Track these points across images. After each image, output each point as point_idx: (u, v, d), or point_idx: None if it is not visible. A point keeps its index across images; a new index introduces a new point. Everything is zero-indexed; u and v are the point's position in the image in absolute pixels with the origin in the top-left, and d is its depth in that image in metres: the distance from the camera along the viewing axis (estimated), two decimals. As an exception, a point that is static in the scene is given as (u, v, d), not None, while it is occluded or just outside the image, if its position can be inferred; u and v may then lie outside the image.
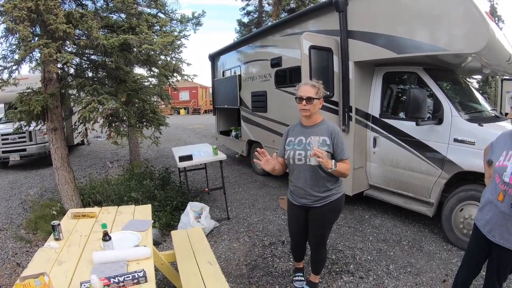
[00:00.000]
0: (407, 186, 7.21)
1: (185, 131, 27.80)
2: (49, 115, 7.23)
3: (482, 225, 3.64)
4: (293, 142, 4.37)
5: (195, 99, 58.40)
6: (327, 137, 4.19)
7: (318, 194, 4.33)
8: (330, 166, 3.88)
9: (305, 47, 7.07)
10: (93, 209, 4.98)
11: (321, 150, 3.84)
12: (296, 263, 5.36)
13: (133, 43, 6.52)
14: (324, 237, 4.75)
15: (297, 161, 4.28)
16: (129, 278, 2.97)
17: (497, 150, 3.62)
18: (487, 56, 6.32)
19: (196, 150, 8.71)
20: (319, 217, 4.49)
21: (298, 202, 4.53)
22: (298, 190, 4.45)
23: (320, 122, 4.37)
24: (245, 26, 38.67)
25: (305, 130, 4.34)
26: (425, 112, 6.30)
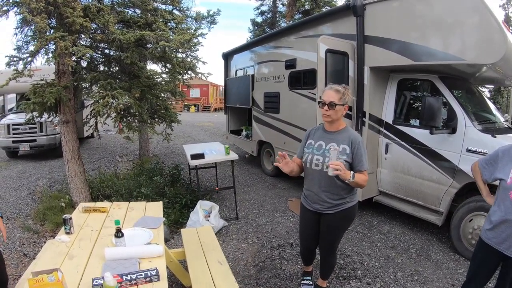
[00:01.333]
0: (417, 194, 7.18)
1: (195, 129, 27.81)
2: (62, 107, 7.27)
3: (497, 243, 3.58)
4: (312, 145, 4.31)
5: (206, 96, 58.36)
6: (348, 146, 4.11)
7: (331, 201, 4.27)
8: (348, 177, 3.83)
9: (321, 50, 7.05)
10: (104, 204, 4.98)
11: (339, 162, 3.78)
12: (305, 266, 5.33)
13: (150, 39, 6.54)
14: (335, 243, 4.71)
15: (314, 166, 4.22)
16: (141, 276, 2.98)
17: (503, 167, 3.59)
18: (503, 66, 6.30)
19: (207, 148, 8.70)
20: (331, 223, 4.45)
21: (311, 207, 4.49)
22: (312, 195, 4.40)
23: (343, 129, 4.27)
24: (258, 25, 38.58)
25: (327, 135, 4.28)
26: (440, 121, 6.27)
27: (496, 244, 3.59)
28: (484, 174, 3.84)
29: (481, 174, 3.90)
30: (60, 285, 2.55)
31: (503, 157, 3.63)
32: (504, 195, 3.51)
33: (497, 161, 3.68)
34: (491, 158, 3.79)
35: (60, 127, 7.57)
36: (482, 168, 3.87)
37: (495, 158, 3.72)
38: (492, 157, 3.78)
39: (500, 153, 3.68)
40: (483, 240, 3.73)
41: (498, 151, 3.73)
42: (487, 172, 3.80)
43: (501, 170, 3.60)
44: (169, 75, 8.37)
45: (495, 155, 3.75)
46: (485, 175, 3.83)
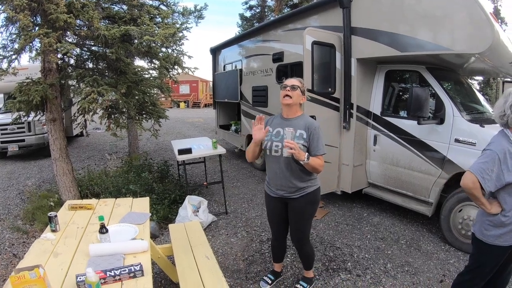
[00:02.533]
0: (407, 185, 7.20)
1: (185, 125, 27.79)
2: (48, 105, 7.22)
3: None
4: (271, 132, 4.36)
5: (195, 92, 58.37)
6: (304, 131, 4.19)
7: (295, 184, 4.32)
8: (303, 158, 3.90)
9: (308, 42, 7.03)
10: (91, 201, 4.91)
11: (293, 142, 3.85)
12: (275, 264, 5.34)
13: (134, 34, 6.51)
14: (305, 231, 4.72)
15: (274, 152, 4.28)
16: (125, 271, 2.95)
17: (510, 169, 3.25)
18: (491, 57, 6.28)
19: (195, 143, 8.68)
20: (297, 209, 4.48)
21: (275, 193, 4.52)
22: (274, 181, 4.45)
23: (300, 116, 4.37)
24: (247, 20, 38.68)
25: (284, 122, 4.34)
26: (427, 111, 6.27)
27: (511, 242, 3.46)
28: (488, 185, 3.31)
29: (483, 186, 3.33)
30: (42, 282, 2.52)
31: (504, 158, 3.26)
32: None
33: (499, 165, 3.28)
34: (490, 166, 3.31)
35: (47, 125, 7.51)
36: (484, 180, 3.31)
37: (496, 163, 3.29)
38: (491, 164, 3.31)
39: (500, 155, 3.28)
40: (498, 245, 3.47)
41: (495, 154, 3.30)
42: (491, 182, 3.30)
43: (509, 172, 3.26)
44: (157, 71, 8.33)
45: (493, 160, 3.30)
46: (489, 186, 3.31)
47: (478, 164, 3.36)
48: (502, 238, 3.43)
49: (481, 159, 3.40)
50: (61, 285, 2.88)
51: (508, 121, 3.23)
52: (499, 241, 3.45)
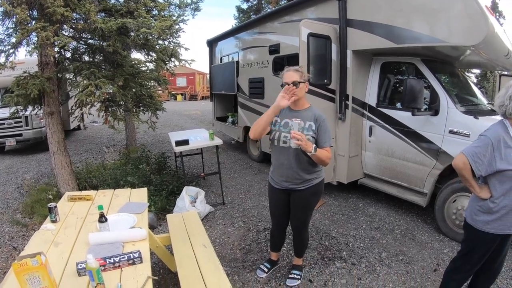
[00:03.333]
0: (402, 175, 7.26)
1: (182, 117, 27.85)
2: (46, 99, 7.24)
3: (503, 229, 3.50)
4: (279, 123, 4.36)
5: (192, 85, 58.35)
6: (313, 123, 4.19)
7: (300, 177, 4.34)
8: (310, 149, 3.89)
9: (303, 34, 7.06)
10: (90, 192, 4.95)
11: (300, 133, 3.86)
12: (272, 253, 5.40)
13: (131, 27, 6.53)
14: (306, 220, 4.79)
15: (282, 143, 4.28)
16: (124, 258, 3.02)
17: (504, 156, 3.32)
18: (485, 50, 6.34)
19: (192, 135, 8.69)
20: (301, 201, 4.53)
21: (279, 185, 4.54)
22: (281, 173, 4.45)
23: (308, 108, 4.37)
24: (244, 12, 38.51)
25: (293, 113, 4.32)
26: (421, 102, 6.32)
27: (502, 230, 3.51)
28: (479, 169, 3.45)
29: (474, 170, 3.49)
30: (44, 268, 2.56)
31: (498, 145, 3.35)
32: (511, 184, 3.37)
33: (492, 151, 3.38)
34: (483, 150, 3.42)
35: (45, 119, 7.53)
36: (475, 163, 3.45)
37: (488, 148, 3.39)
38: (484, 148, 3.41)
39: (494, 142, 3.36)
40: (486, 231, 3.56)
41: (489, 140, 3.39)
42: (483, 166, 3.43)
43: (501, 160, 3.34)
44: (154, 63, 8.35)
45: (486, 145, 3.40)
46: (480, 169, 3.45)
47: (471, 148, 3.49)
48: (490, 225, 3.51)
49: (475, 143, 3.52)
50: (62, 273, 2.94)
51: (507, 111, 3.30)
52: (487, 228, 3.52)
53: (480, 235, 3.59)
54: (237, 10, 39.47)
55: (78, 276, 2.88)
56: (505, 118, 3.41)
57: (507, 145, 3.31)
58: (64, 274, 2.93)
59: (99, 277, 2.67)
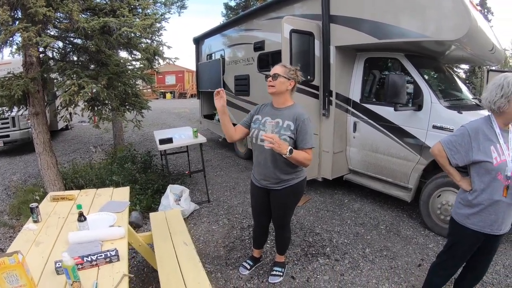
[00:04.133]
0: (386, 171, 7.29)
1: (170, 115, 27.86)
2: (31, 99, 7.19)
3: (484, 226, 3.46)
4: (259, 121, 4.32)
5: (181, 83, 58.31)
6: (292, 122, 4.09)
7: (278, 176, 4.28)
8: (284, 152, 3.75)
9: (286, 30, 7.08)
10: (72, 192, 4.96)
11: (272, 135, 3.72)
12: (255, 250, 5.40)
13: (113, 26, 6.51)
14: (286, 219, 4.76)
15: (260, 141, 4.20)
16: (101, 256, 3.03)
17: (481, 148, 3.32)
18: (469, 44, 6.36)
19: (177, 133, 8.68)
20: (279, 200, 4.49)
21: (259, 183, 4.51)
22: (260, 171, 4.42)
23: (290, 106, 4.28)
24: (232, 9, 38.54)
25: (274, 111, 4.28)
26: (404, 97, 6.33)
27: (482, 227, 3.47)
28: (454, 157, 3.50)
29: (449, 158, 3.54)
30: (21, 267, 2.57)
31: (476, 136, 3.35)
32: (490, 177, 3.34)
33: (469, 141, 3.38)
34: (459, 139, 3.45)
35: (30, 119, 7.51)
36: (450, 151, 3.52)
37: (465, 139, 3.41)
38: (460, 138, 3.44)
39: (471, 132, 3.37)
40: (467, 226, 3.54)
41: (466, 130, 3.41)
42: (458, 156, 3.47)
43: (478, 152, 3.34)
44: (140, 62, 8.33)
45: (463, 135, 3.43)
46: (456, 158, 3.49)
47: (448, 137, 3.59)
48: (469, 219, 3.49)
49: (453, 133, 3.66)
50: (41, 271, 2.96)
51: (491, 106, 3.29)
52: (467, 222, 3.51)
53: (461, 229, 3.59)
54: (225, 7, 39.51)
55: (57, 275, 2.90)
56: (491, 113, 3.40)
57: (487, 138, 3.31)
58: (44, 273, 2.95)
59: (75, 275, 2.69)
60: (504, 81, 3.21)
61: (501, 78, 3.27)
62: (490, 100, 3.28)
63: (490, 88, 3.33)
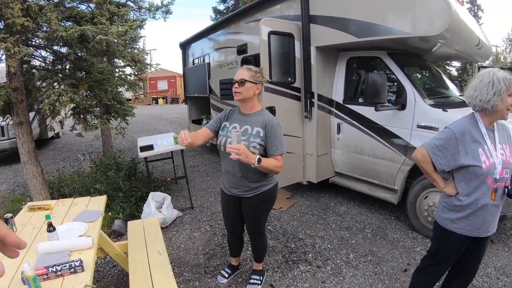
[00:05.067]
0: (372, 173, 7.23)
1: (161, 121, 27.90)
2: (14, 109, 7.18)
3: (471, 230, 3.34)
4: (227, 128, 4.21)
5: (174, 88, 58.62)
6: (262, 129, 4.01)
7: (248, 184, 4.20)
8: (252, 162, 3.64)
9: (263, 33, 7.04)
10: (49, 202, 4.95)
11: (238, 146, 3.61)
12: (233, 258, 5.32)
13: (89, 34, 6.48)
14: (260, 226, 4.68)
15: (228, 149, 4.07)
16: (66, 267, 3.03)
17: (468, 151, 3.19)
18: (453, 40, 6.26)
19: (159, 139, 8.61)
20: (251, 208, 4.40)
21: (230, 192, 4.42)
22: (229, 179, 4.34)
23: (258, 112, 4.19)
24: (220, 13, 38.50)
25: (241, 117, 4.20)
26: (385, 97, 6.26)
27: (469, 231, 3.35)
28: (440, 163, 3.32)
29: (435, 163, 3.36)
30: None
31: (463, 139, 3.20)
32: (478, 181, 3.20)
33: (455, 144, 3.23)
34: (444, 143, 3.27)
35: (14, 129, 7.48)
36: (435, 156, 3.32)
37: (451, 142, 3.24)
38: (446, 141, 3.27)
39: (457, 135, 3.21)
40: (453, 231, 3.41)
41: (452, 132, 3.25)
42: (444, 160, 3.30)
43: (466, 155, 3.20)
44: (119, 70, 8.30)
45: (449, 138, 3.26)
46: (441, 164, 3.32)
47: (432, 140, 3.38)
48: (456, 224, 3.38)
49: (437, 135, 3.41)
50: (10, 282, 2.99)
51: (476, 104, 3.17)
52: (453, 227, 3.40)
53: (447, 233, 3.47)
54: (214, 11, 39.48)
55: (24, 284, 2.87)
56: (475, 111, 3.29)
57: (474, 139, 3.18)
58: (12, 283, 2.97)
59: (36, 285, 2.71)
60: (493, 77, 3.08)
61: (489, 75, 3.13)
62: (482, 99, 3.13)
63: (477, 86, 3.17)
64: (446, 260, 3.65)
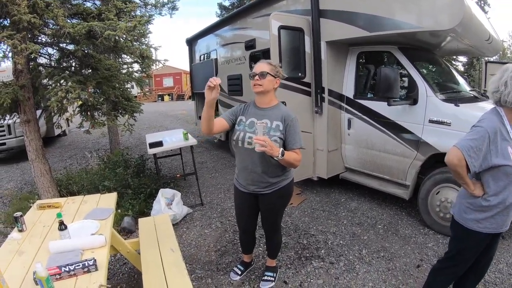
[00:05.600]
0: (383, 168, 7.17)
1: (167, 118, 27.91)
2: (22, 107, 7.14)
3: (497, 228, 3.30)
4: (244, 122, 4.17)
5: (179, 85, 58.75)
6: (281, 122, 4.00)
7: (267, 180, 4.17)
8: (276, 154, 3.63)
9: (274, 27, 6.99)
10: (59, 200, 4.92)
11: (264, 138, 3.57)
12: (245, 255, 5.29)
13: (97, 30, 6.43)
14: (277, 222, 4.66)
15: (247, 144, 4.05)
16: (79, 266, 2.97)
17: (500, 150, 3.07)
18: (464, 34, 6.22)
19: (168, 136, 8.66)
20: (269, 204, 4.37)
21: (246, 189, 4.37)
22: (246, 176, 4.28)
23: (275, 106, 4.16)
24: (226, 9, 38.49)
25: (258, 111, 4.15)
26: (397, 91, 6.20)
27: (494, 229, 3.31)
28: (474, 165, 3.11)
29: (469, 165, 3.12)
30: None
31: (495, 138, 3.06)
32: (507, 180, 3.13)
33: (488, 144, 3.08)
34: (479, 144, 3.08)
35: (22, 127, 7.44)
36: (470, 158, 3.09)
37: (485, 142, 3.07)
38: (481, 141, 3.08)
39: (491, 134, 3.06)
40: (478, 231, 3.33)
41: (486, 132, 3.08)
42: (478, 162, 3.11)
43: (497, 155, 3.08)
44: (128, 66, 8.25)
45: (483, 138, 3.07)
46: (475, 166, 3.12)
47: (466, 141, 3.15)
48: (481, 223, 3.30)
49: (470, 135, 3.19)
50: (21, 282, 2.93)
51: (501, 98, 3.06)
52: (478, 227, 3.31)
53: (471, 234, 3.38)
54: (219, 7, 39.46)
55: (36, 285, 2.83)
56: (498, 106, 3.19)
57: (503, 137, 3.08)
58: (23, 283, 2.92)
59: (49, 286, 2.66)
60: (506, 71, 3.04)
61: (504, 68, 3.09)
62: (497, 92, 3.08)
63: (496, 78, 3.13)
64: (466, 260, 3.58)
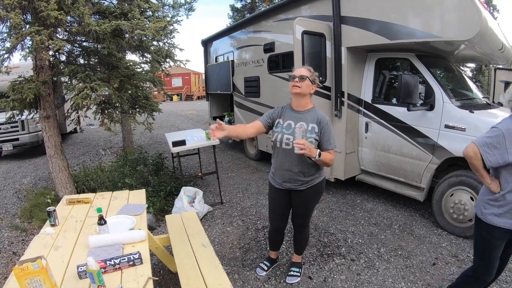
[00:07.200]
0: (398, 171, 7.28)
1: (178, 118, 27.85)
2: (42, 103, 7.20)
3: None
4: (281, 125, 4.33)
5: (188, 85, 58.46)
6: (316, 125, 4.17)
7: (303, 179, 4.34)
8: (314, 155, 3.85)
9: (297, 32, 7.08)
10: (88, 195, 4.96)
11: (304, 141, 3.78)
12: (272, 252, 5.41)
13: (126, 28, 6.50)
14: (308, 217, 4.82)
15: (285, 145, 4.24)
16: (124, 260, 3.03)
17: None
18: (480, 44, 6.34)
19: (189, 135, 8.69)
20: (303, 199, 4.52)
21: (282, 186, 4.52)
22: (283, 174, 4.43)
23: (311, 109, 4.33)
24: (238, 11, 38.45)
25: (295, 114, 4.31)
26: (417, 97, 6.33)
27: None
28: (489, 160, 3.41)
29: (485, 160, 3.44)
30: (45, 272, 2.57)
31: (510, 137, 3.30)
32: None
33: (503, 142, 3.32)
34: (494, 141, 3.37)
35: (41, 123, 7.51)
36: (486, 154, 3.41)
37: (500, 140, 3.34)
38: (496, 139, 3.37)
39: (505, 133, 3.31)
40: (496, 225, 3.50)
41: (500, 131, 3.35)
42: (494, 157, 3.38)
43: None
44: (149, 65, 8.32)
45: (498, 136, 3.36)
46: (492, 160, 3.40)
47: (483, 138, 3.46)
48: (500, 218, 3.46)
49: (487, 133, 3.49)
50: (63, 276, 2.95)
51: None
52: (497, 221, 3.47)
53: (490, 229, 3.54)
54: (231, 9, 39.41)
55: (79, 279, 2.89)
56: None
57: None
58: (65, 278, 2.94)
59: (100, 279, 2.69)
60: None
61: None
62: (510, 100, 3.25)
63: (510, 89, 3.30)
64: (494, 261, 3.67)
